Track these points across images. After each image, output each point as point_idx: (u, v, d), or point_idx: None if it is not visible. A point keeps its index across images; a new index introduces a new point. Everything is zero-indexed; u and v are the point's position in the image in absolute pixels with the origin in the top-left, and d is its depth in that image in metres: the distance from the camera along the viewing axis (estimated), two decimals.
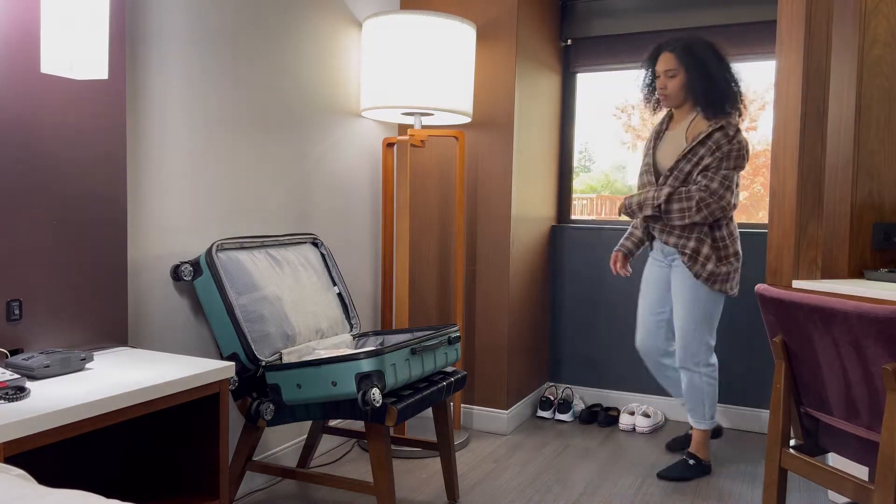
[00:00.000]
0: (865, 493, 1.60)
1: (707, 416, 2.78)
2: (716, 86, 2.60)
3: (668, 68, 2.66)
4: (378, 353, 1.96)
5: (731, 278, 2.67)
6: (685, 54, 2.63)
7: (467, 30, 2.92)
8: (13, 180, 1.67)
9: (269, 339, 2.18)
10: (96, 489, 1.84)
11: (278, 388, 2.05)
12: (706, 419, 2.78)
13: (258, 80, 2.49)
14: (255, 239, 2.31)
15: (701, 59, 2.61)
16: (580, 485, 2.67)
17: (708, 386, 2.75)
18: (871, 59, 2.43)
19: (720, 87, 2.61)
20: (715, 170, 2.55)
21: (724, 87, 2.62)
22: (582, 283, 3.66)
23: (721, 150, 2.55)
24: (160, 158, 2.13)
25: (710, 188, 2.54)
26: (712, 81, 2.60)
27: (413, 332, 2.47)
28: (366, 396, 1.92)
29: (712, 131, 2.58)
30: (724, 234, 2.64)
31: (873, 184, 2.47)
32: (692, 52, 2.62)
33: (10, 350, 1.68)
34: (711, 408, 2.78)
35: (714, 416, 2.79)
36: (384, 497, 2.06)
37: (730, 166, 2.56)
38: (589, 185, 3.94)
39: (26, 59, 1.68)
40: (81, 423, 1.44)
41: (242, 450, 2.22)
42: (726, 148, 2.55)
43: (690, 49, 2.63)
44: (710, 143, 2.56)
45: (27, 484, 0.99)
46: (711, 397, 2.76)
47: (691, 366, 2.73)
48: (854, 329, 1.57)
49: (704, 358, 2.72)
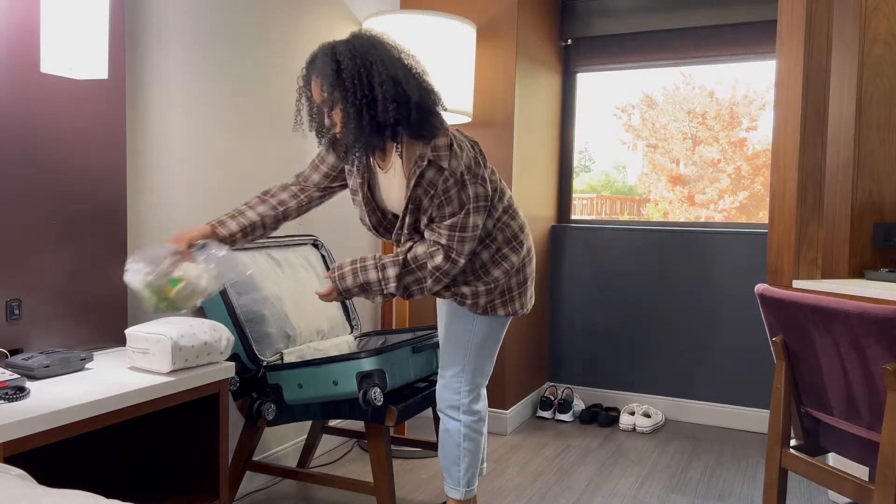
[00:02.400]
0: (865, 493, 1.60)
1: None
2: (385, 105, 1.74)
3: (319, 100, 1.81)
4: (379, 352, 1.96)
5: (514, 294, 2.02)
6: (329, 78, 1.75)
7: (467, 30, 2.92)
8: (13, 180, 1.67)
9: (270, 340, 2.18)
10: (96, 489, 1.84)
11: (279, 387, 2.05)
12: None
13: (258, 79, 2.49)
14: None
15: (348, 78, 1.74)
16: (580, 485, 2.67)
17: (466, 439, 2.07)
18: (871, 59, 2.43)
19: (391, 104, 1.74)
20: (439, 220, 1.82)
21: (396, 100, 1.75)
22: (582, 283, 3.66)
23: (437, 191, 1.80)
24: (160, 158, 2.13)
25: (441, 246, 1.83)
26: (378, 102, 1.74)
27: (414, 332, 2.47)
28: (367, 396, 1.92)
29: (423, 171, 1.79)
30: (489, 257, 1.95)
31: (873, 184, 2.47)
32: (336, 72, 1.75)
33: (10, 350, 1.68)
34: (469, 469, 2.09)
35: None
36: (384, 497, 2.06)
37: (455, 209, 1.81)
38: (589, 185, 3.94)
39: (26, 59, 1.68)
40: (81, 423, 1.44)
41: (242, 450, 2.22)
42: (442, 188, 1.79)
43: (332, 70, 1.75)
44: (423, 184, 1.80)
45: (27, 484, 0.99)
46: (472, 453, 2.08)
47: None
48: (854, 329, 1.57)
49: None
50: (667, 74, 3.70)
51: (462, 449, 2.04)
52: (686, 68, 3.66)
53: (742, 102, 3.62)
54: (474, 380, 2.03)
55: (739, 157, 3.67)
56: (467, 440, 2.04)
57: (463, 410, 2.03)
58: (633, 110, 3.81)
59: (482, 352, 2.02)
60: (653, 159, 3.85)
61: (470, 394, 2.03)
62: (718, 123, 3.70)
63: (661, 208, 3.82)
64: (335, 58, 1.75)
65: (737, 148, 3.68)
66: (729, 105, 3.66)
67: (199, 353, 1.74)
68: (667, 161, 3.82)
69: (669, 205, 3.80)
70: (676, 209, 3.78)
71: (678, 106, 3.76)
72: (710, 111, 3.70)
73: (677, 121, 3.76)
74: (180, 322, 1.75)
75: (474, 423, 2.04)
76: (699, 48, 3.47)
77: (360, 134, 1.77)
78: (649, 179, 3.87)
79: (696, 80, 3.70)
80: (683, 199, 3.78)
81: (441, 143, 1.80)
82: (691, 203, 3.76)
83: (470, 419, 2.03)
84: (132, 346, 1.71)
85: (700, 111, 3.72)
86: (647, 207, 3.85)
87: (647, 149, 3.85)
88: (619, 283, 3.59)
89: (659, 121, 3.80)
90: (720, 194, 3.70)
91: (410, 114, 1.77)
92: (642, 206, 3.87)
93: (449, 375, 2.03)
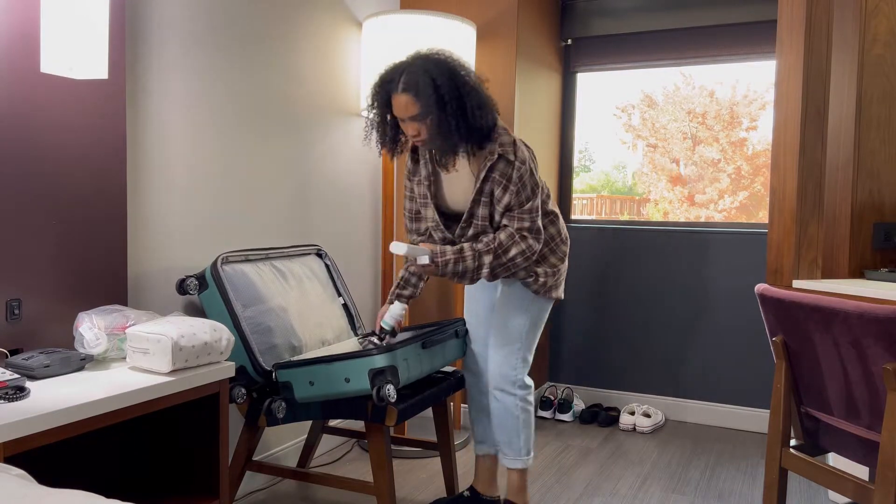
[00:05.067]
0: (865, 493, 1.60)
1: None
2: (474, 112, 2.01)
3: (411, 114, 2.01)
4: (391, 349, 1.95)
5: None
6: (425, 92, 1.98)
7: (467, 30, 2.92)
8: (13, 180, 1.67)
9: (276, 351, 2.18)
10: (96, 489, 1.84)
11: (290, 385, 2.04)
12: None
13: (258, 79, 2.49)
14: (259, 251, 2.31)
15: (445, 90, 1.99)
16: (580, 485, 2.67)
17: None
18: (871, 59, 2.43)
19: (478, 110, 2.02)
20: (517, 206, 2.07)
21: (480, 106, 2.03)
22: (582, 283, 3.66)
23: (511, 181, 2.05)
24: (160, 157, 2.13)
25: (524, 229, 2.08)
26: (468, 109, 2.01)
27: (419, 329, 2.47)
28: (380, 392, 1.92)
29: (493, 165, 2.05)
30: (545, 245, 2.23)
31: (873, 184, 2.47)
32: (433, 86, 1.98)
33: (10, 350, 1.68)
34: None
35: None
36: (384, 497, 2.06)
37: (529, 194, 2.07)
38: (589, 185, 3.94)
39: (26, 59, 1.68)
40: (81, 423, 1.44)
41: (242, 450, 2.22)
42: (516, 175, 2.04)
43: (428, 84, 1.98)
44: (494, 177, 2.06)
45: (27, 484, 0.99)
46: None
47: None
48: (854, 329, 1.57)
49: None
50: (667, 74, 3.70)
51: (520, 421, 2.25)
52: (686, 68, 3.66)
53: (742, 102, 3.62)
54: (526, 356, 2.26)
55: (739, 157, 3.67)
56: (523, 412, 2.26)
57: (518, 385, 2.24)
58: (633, 110, 3.81)
59: (535, 329, 2.26)
60: (653, 159, 3.85)
61: (524, 369, 2.26)
62: (718, 123, 3.70)
63: (661, 208, 3.82)
64: (429, 74, 1.99)
65: (737, 148, 3.68)
66: (729, 105, 3.66)
67: (200, 353, 1.74)
68: (667, 161, 3.82)
69: (669, 205, 3.80)
70: (676, 209, 3.78)
71: (678, 106, 3.76)
72: (710, 111, 3.70)
73: (677, 121, 3.77)
74: (180, 322, 1.75)
75: (527, 395, 2.26)
76: (699, 48, 3.47)
77: (451, 138, 2.01)
78: (649, 179, 3.87)
79: (696, 80, 3.70)
80: (683, 199, 3.78)
81: (506, 140, 2.08)
82: (691, 203, 3.76)
83: (523, 392, 2.25)
84: (132, 345, 1.71)
85: (700, 111, 3.72)
86: (647, 207, 3.85)
87: (647, 149, 3.85)
88: (619, 282, 3.59)
89: (659, 121, 3.80)
90: (720, 194, 3.70)
91: (487, 117, 2.05)
92: (642, 206, 3.88)
93: (504, 353, 2.24)
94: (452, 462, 2.44)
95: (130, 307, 2.01)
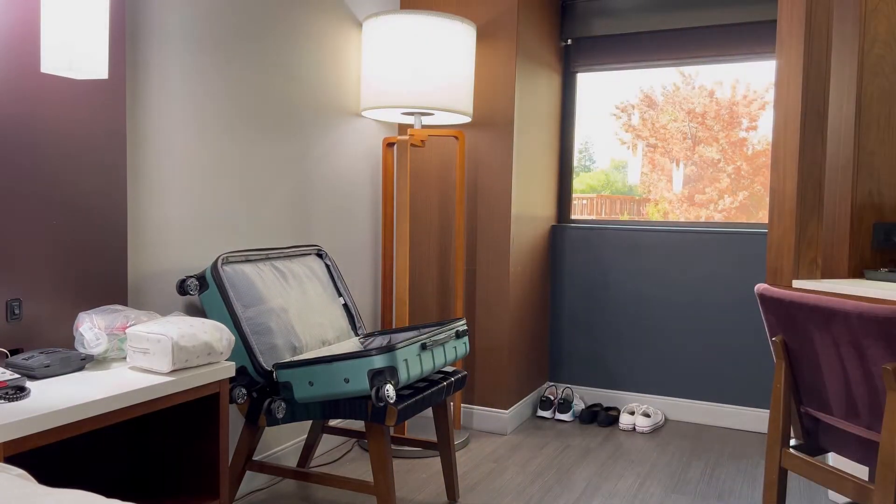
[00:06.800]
0: (865, 493, 1.60)
1: None
2: None
3: None
4: (390, 349, 1.96)
5: None
6: None
7: (467, 30, 2.92)
8: (13, 180, 1.67)
9: (277, 352, 2.18)
10: (96, 489, 1.84)
11: (290, 385, 2.04)
12: None
13: (258, 79, 2.49)
14: (260, 252, 2.31)
15: None
16: (580, 485, 2.67)
17: None
18: (871, 59, 2.43)
19: None
20: None
21: None
22: (582, 283, 3.66)
23: None
24: (160, 157, 2.13)
25: None
26: None
27: (419, 329, 2.47)
28: (380, 393, 1.92)
29: None
30: None
31: (873, 184, 2.47)
32: None
33: (10, 350, 1.68)
34: None
35: None
36: (384, 497, 2.06)
37: None
38: (589, 185, 3.94)
39: (26, 59, 1.68)
40: (81, 423, 1.44)
41: (242, 450, 2.22)
42: None
43: None
44: None
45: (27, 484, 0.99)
46: None
47: None
48: (854, 329, 1.57)
49: None
50: (667, 74, 3.70)
51: None
52: (686, 68, 3.66)
53: (742, 102, 3.62)
54: None
55: (739, 157, 3.67)
56: None
57: None
58: (633, 110, 3.81)
59: None
60: (653, 159, 3.85)
61: None
62: (718, 123, 3.70)
63: (661, 208, 3.82)
64: None
65: (737, 148, 3.68)
66: (729, 105, 3.66)
67: (200, 353, 1.74)
68: (667, 161, 3.82)
69: (669, 205, 3.80)
70: (676, 209, 3.78)
71: (678, 106, 3.76)
72: (710, 111, 3.70)
73: (677, 121, 3.76)
74: (181, 322, 1.75)
75: None
76: (699, 48, 3.47)
77: None
78: (649, 179, 3.87)
79: (696, 80, 3.70)
80: (683, 199, 3.78)
81: None
82: (691, 203, 3.76)
83: None
84: (132, 345, 1.71)
85: (700, 111, 3.72)
86: (647, 207, 3.85)
87: (647, 149, 3.85)
88: (619, 282, 3.59)
89: (659, 120, 3.80)
90: (720, 194, 3.70)
91: None
92: (642, 206, 3.87)
93: None
94: (452, 462, 2.44)
95: (131, 307, 2.01)
